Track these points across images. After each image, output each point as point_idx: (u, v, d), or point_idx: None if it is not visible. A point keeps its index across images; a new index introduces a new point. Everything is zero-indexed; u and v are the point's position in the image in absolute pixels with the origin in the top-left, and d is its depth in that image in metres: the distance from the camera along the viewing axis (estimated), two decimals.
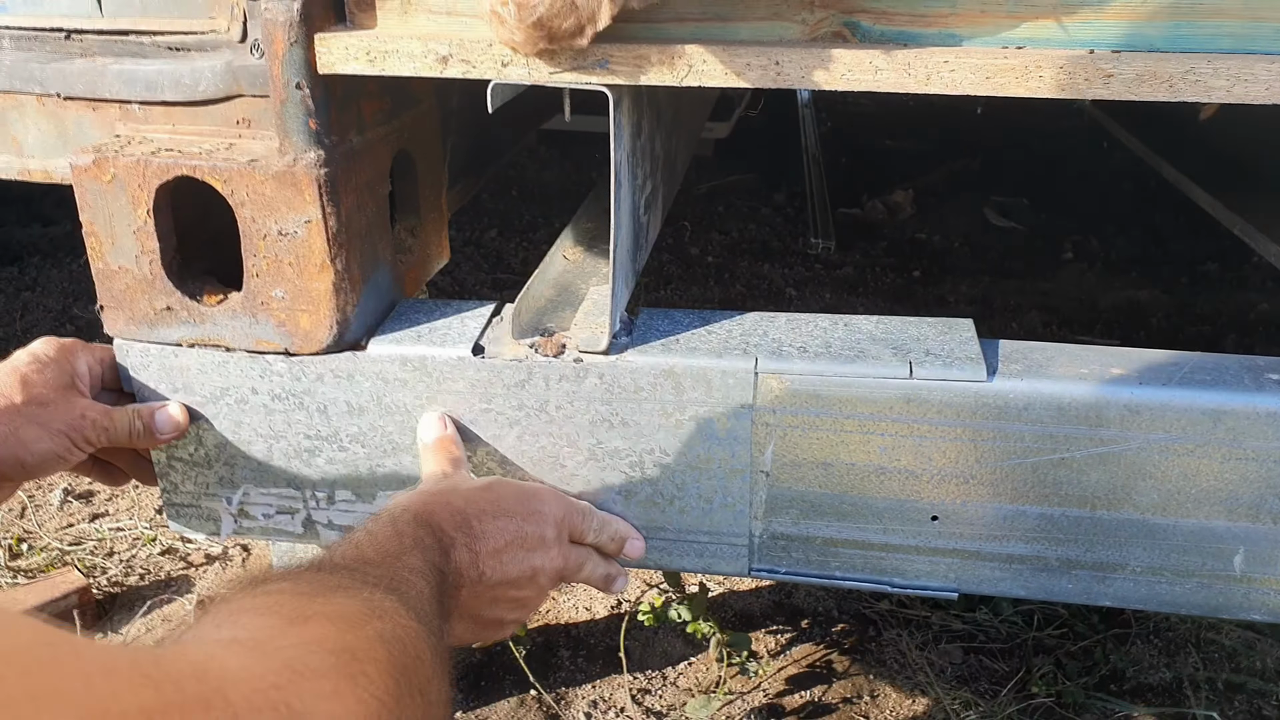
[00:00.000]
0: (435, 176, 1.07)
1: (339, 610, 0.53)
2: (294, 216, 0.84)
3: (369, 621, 0.53)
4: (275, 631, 0.49)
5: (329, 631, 0.50)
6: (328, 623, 0.51)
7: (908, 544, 0.90)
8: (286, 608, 0.51)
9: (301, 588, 0.54)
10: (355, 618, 0.53)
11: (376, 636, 0.52)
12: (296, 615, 0.51)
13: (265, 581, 0.55)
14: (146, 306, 0.89)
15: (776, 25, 0.77)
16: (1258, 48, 0.72)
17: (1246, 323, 2.37)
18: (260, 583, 0.55)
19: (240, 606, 0.51)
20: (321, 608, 0.52)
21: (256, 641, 0.47)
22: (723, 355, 0.86)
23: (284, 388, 0.90)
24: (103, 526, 1.69)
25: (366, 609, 0.54)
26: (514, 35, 0.73)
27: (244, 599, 0.52)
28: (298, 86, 0.80)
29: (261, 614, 0.50)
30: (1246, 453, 0.82)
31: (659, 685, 1.41)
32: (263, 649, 0.46)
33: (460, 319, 0.93)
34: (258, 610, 0.51)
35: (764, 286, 2.55)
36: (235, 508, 0.96)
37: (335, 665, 0.47)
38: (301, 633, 0.49)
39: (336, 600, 0.53)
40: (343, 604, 0.54)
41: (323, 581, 0.56)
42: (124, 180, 0.84)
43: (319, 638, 0.49)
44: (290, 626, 0.50)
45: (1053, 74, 0.72)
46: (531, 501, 0.80)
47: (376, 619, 0.54)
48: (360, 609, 0.54)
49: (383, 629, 0.53)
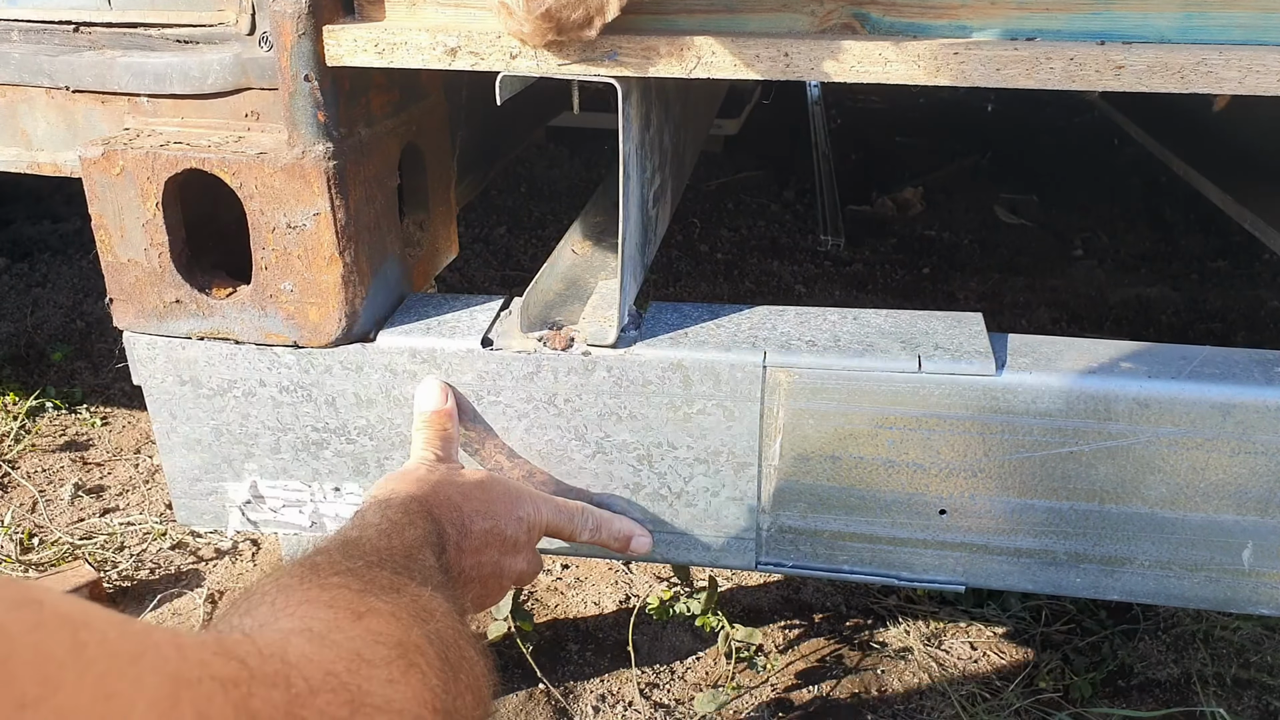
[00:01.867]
0: (444, 170, 1.07)
1: (396, 607, 0.55)
2: (302, 209, 0.84)
3: (426, 620, 0.56)
4: (341, 624, 0.51)
5: (390, 626, 0.52)
6: (389, 619, 0.53)
7: (916, 537, 0.90)
8: (348, 601, 0.54)
9: (358, 584, 0.56)
10: (412, 615, 0.55)
11: (433, 634, 0.55)
12: (359, 610, 0.53)
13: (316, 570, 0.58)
14: (156, 299, 0.89)
15: (785, 17, 0.77)
16: (1269, 39, 0.72)
17: (1257, 319, 2.36)
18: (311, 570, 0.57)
19: (303, 598, 0.54)
20: (380, 604, 0.55)
21: (324, 632, 0.50)
22: (731, 349, 0.86)
23: (292, 380, 0.90)
24: (113, 521, 1.70)
25: (418, 608, 0.57)
26: (522, 27, 0.73)
27: (304, 589, 0.55)
28: (306, 79, 0.81)
29: (326, 607, 0.53)
30: (1256, 446, 0.81)
31: (667, 679, 1.41)
32: (330, 639, 0.49)
33: (469, 312, 0.93)
34: (322, 603, 0.53)
35: (773, 283, 2.54)
36: (242, 501, 0.96)
37: (397, 656, 0.50)
38: (365, 626, 0.52)
39: (392, 598, 0.56)
40: (398, 601, 0.56)
41: (375, 578, 0.58)
42: (133, 173, 0.84)
43: (381, 631, 0.51)
44: (354, 620, 0.52)
45: (1063, 65, 0.72)
46: (516, 505, 0.81)
47: (431, 618, 0.57)
48: (413, 608, 0.57)
49: (438, 629, 0.56)
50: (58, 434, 1.95)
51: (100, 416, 1.99)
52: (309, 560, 0.58)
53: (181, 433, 0.94)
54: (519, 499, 0.83)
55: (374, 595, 0.55)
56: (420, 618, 0.55)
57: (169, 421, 0.94)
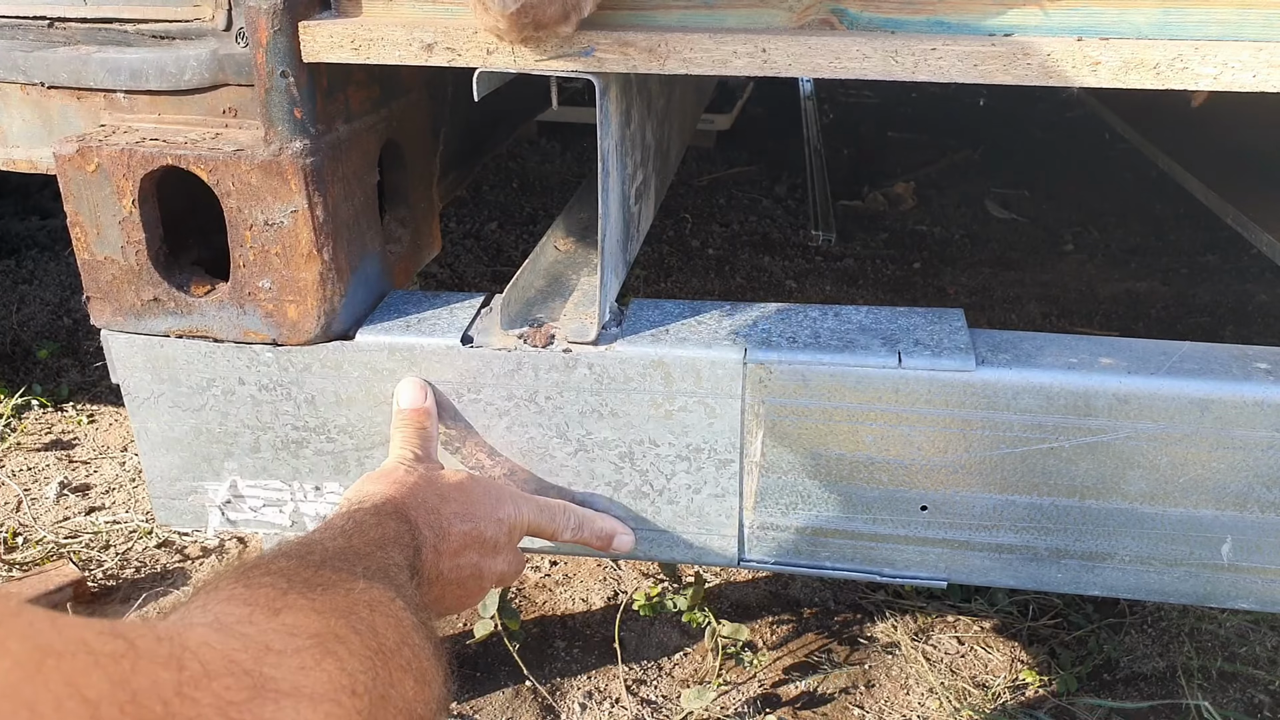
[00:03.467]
0: (426, 166, 1.06)
1: (320, 603, 0.53)
2: (280, 206, 0.83)
3: (352, 612, 0.54)
4: (255, 618, 0.50)
5: (308, 620, 0.51)
6: (309, 613, 0.52)
7: (897, 533, 0.90)
8: (268, 599, 0.52)
9: (285, 583, 0.55)
10: (336, 609, 0.53)
11: (361, 626, 0.53)
12: (276, 606, 0.51)
13: (253, 570, 0.56)
14: (133, 297, 0.89)
15: (764, 12, 0.76)
16: (1246, 35, 0.71)
17: (1245, 313, 2.36)
18: (247, 571, 0.56)
19: (225, 595, 0.52)
20: (303, 600, 0.53)
21: (232, 624, 0.48)
22: (712, 346, 0.85)
23: (271, 378, 0.90)
24: (98, 519, 1.69)
25: (350, 601, 0.55)
26: (498, 23, 0.73)
27: (229, 587, 0.53)
28: (282, 75, 0.80)
29: (244, 604, 0.51)
30: (1234, 441, 0.81)
31: (654, 676, 1.41)
32: (238, 630, 0.47)
33: (450, 309, 0.93)
34: (240, 600, 0.51)
35: (764, 279, 2.54)
36: (222, 501, 0.96)
37: (312, 645, 0.48)
38: (280, 620, 0.50)
39: (319, 595, 0.54)
40: (325, 597, 0.54)
41: (309, 577, 0.57)
42: (108, 170, 0.84)
43: (297, 625, 0.50)
44: (270, 616, 0.50)
45: (1040, 61, 0.72)
46: (497, 506, 0.81)
47: (363, 610, 0.55)
48: (343, 601, 0.55)
49: (368, 619, 0.54)
50: (43, 432, 1.94)
51: (86, 414, 1.99)
52: (250, 562, 0.57)
53: (160, 432, 0.94)
54: (499, 500, 0.82)
55: (297, 592, 0.53)
56: (347, 610, 0.54)
57: (147, 421, 0.93)
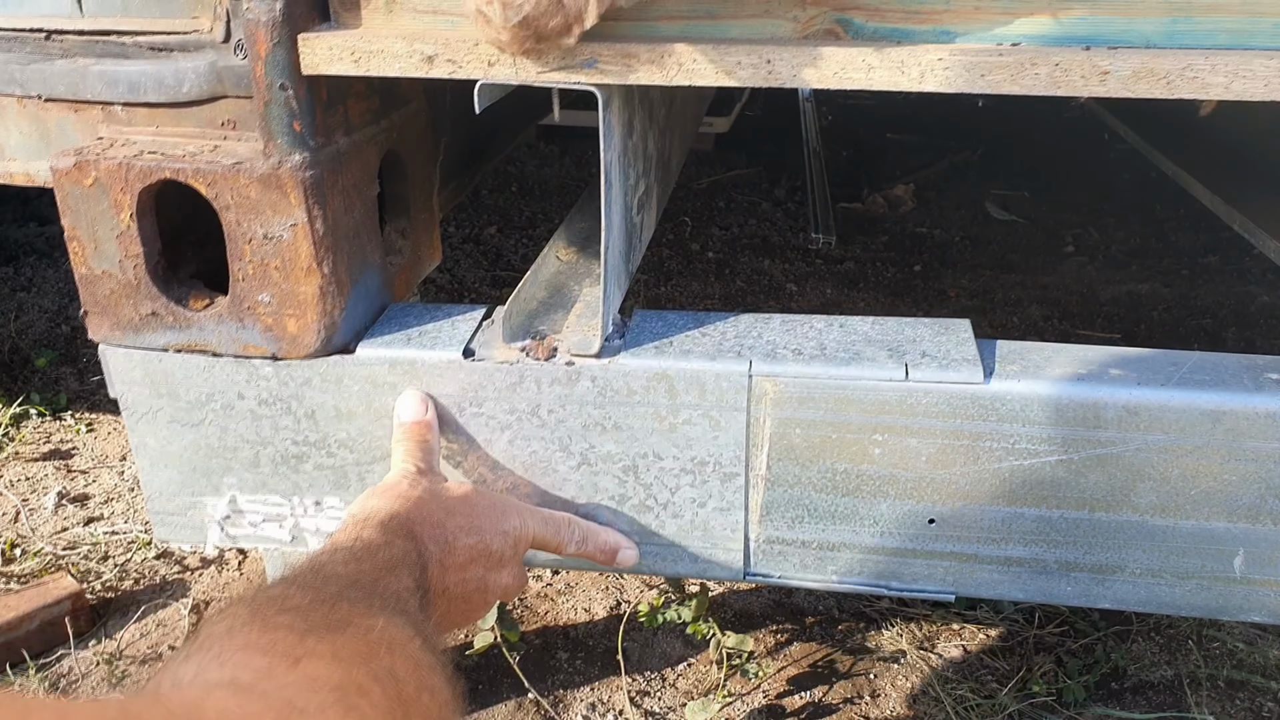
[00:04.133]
0: (426, 177, 1.06)
1: (340, 647, 0.53)
2: (280, 220, 0.82)
3: (373, 657, 0.54)
4: (275, 671, 0.49)
5: (329, 670, 0.50)
6: (330, 660, 0.51)
7: (905, 547, 0.89)
8: (287, 646, 0.52)
9: (304, 624, 0.54)
10: (357, 654, 0.53)
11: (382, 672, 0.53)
12: (297, 654, 0.51)
13: (267, 607, 0.55)
14: (131, 312, 0.88)
15: (768, 23, 0.76)
16: (1256, 43, 0.71)
17: (1247, 315, 2.35)
18: (261, 609, 0.55)
19: (241, 642, 0.52)
20: (323, 646, 0.52)
21: (252, 682, 0.48)
22: (716, 358, 0.84)
23: (271, 393, 0.89)
24: (97, 530, 1.68)
25: (369, 645, 0.55)
26: (499, 35, 0.72)
27: (245, 633, 0.52)
28: (281, 88, 0.79)
29: (262, 653, 0.51)
30: (1246, 453, 0.81)
31: (658, 687, 1.40)
32: (259, 689, 0.47)
33: (451, 322, 0.92)
34: (259, 649, 0.51)
35: (764, 282, 2.53)
36: (222, 516, 0.95)
37: (334, 701, 0.48)
38: (301, 671, 0.50)
39: (339, 638, 0.54)
40: (345, 641, 0.54)
41: (325, 616, 0.56)
42: (106, 184, 0.83)
43: (318, 676, 0.49)
44: (290, 667, 0.50)
45: (1048, 71, 0.71)
46: (502, 519, 0.80)
47: (384, 654, 0.54)
48: (363, 645, 0.54)
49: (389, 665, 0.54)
50: (41, 441, 1.93)
51: (85, 423, 1.98)
52: (264, 595, 0.57)
53: (159, 447, 0.93)
54: (504, 512, 0.81)
55: (316, 636, 0.53)
56: (368, 655, 0.53)
57: (146, 436, 0.92)
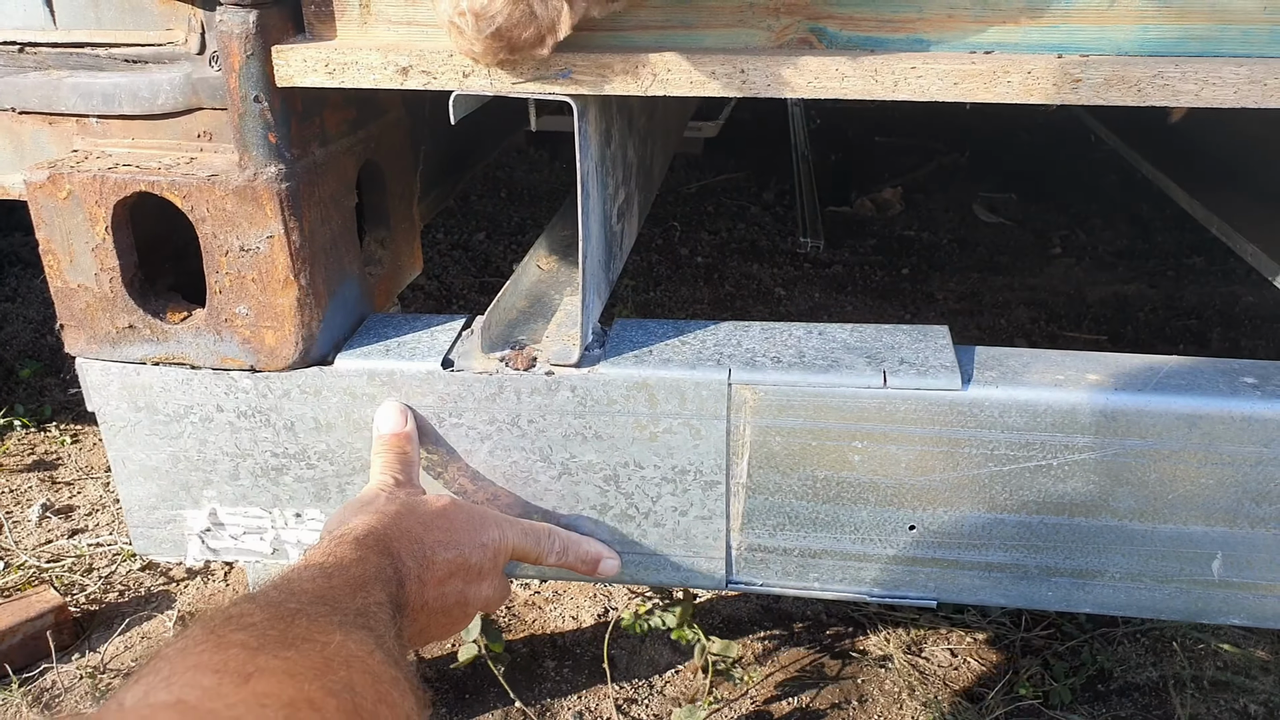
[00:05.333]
0: (405, 186, 1.05)
1: (294, 664, 0.52)
2: (256, 232, 0.82)
3: (328, 671, 0.53)
4: (223, 690, 0.48)
5: (280, 686, 0.49)
6: (282, 676, 0.50)
7: (886, 553, 0.89)
8: (238, 663, 0.51)
9: (257, 641, 0.53)
10: (311, 669, 0.52)
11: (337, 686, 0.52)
12: (247, 671, 0.50)
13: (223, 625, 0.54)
14: (108, 325, 0.87)
15: (742, 32, 0.76)
16: (1225, 50, 0.71)
17: (1232, 315, 2.37)
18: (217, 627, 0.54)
19: (193, 662, 0.51)
20: (275, 662, 0.51)
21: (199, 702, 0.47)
22: (696, 367, 0.84)
23: (250, 405, 0.89)
24: (81, 542, 1.67)
25: (325, 659, 0.54)
26: (473, 46, 0.72)
27: (198, 652, 0.52)
28: (256, 99, 0.79)
29: (213, 672, 0.50)
30: (1222, 457, 0.81)
31: (645, 694, 1.40)
32: (209, 708, 0.46)
33: (430, 333, 0.91)
34: (209, 669, 0.50)
35: (753, 286, 2.53)
36: (202, 529, 0.94)
37: (284, 718, 0.47)
38: (251, 689, 0.49)
39: (293, 654, 0.53)
40: (299, 656, 0.53)
41: (282, 633, 0.55)
42: (81, 197, 0.83)
43: (268, 693, 0.49)
44: (240, 685, 0.49)
45: (1020, 79, 0.71)
46: (480, 532, 0.80)
47: (340, 668, 0.53)
48: (318, 660, 0.53)
49: (345, 678, 0.53)
50: (25, 453, 1.91)
51: (69, 434, 1.96)
52: (222, 613, 0.56)
53: (138, 460, 0.92)
54: (483, 525, 0.81)
55: (269, 652, 0.52)
56: (323, 669, 0.52)
57: (124, 449, 0.92)
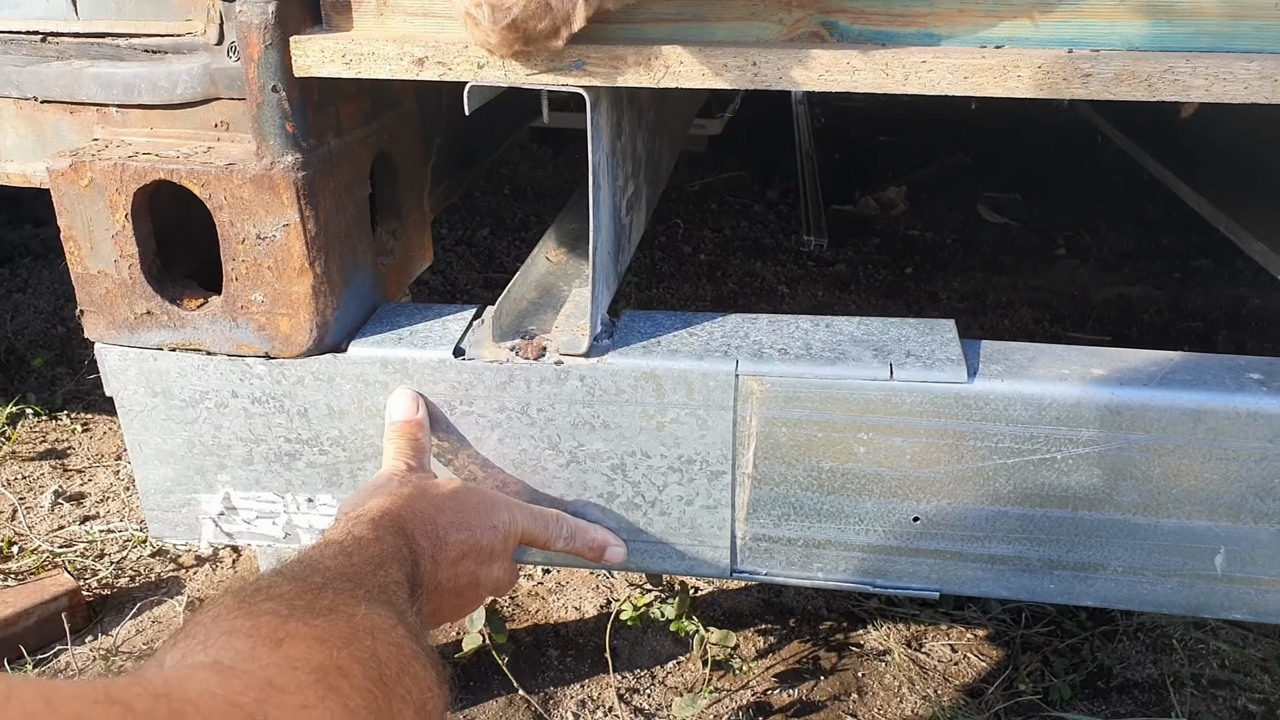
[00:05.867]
0: (417, 178, 1.06)
1: (323, 631, 0.53)
2: (272, 220, 0.83)
3: (355, 640, 0.54)
4: (257, 653, 0.49)
5: (310, 651, 0.51)
6: (312, 642, 0.51)
7: (890, 544, 0.90)
8: (270, 629, 0.52)
9: (287, 610, 0.54)
10: (339, 637, 0.53)
11: (364, 654, 0.53)
12: (279, 636, 0.51)
13: (254, 595, 0.56)
14: (126, 311, 0.88)
15: (754, 25, 0.77)
16: (1237, 46, 0.72)
17: (1239, 318, 2.37)
18: (249, 597, 0.55)
19: (226, 628, 0.52)
20: (303, 628, 0.53)
21: (234, 663, 0.48)
22: (703, 358, 0.85)
23: (264, 391, 0.90)
24: (93, 528, 1.69)
25: (351, 629, 0.55)
26: (489, 37, 0.73)
27: (230, 619, 0.53)
28: (274, 90, 0.80)
29: (246, 636, 0.51)
30: (1227, 452, 0.82)
31: (647, 684, 1.41)
32: (241, 669, 0.47)
33: (441, 322, 0.92)
34: (242, 633, 0.51)
35: (756, 284, 2.54)
36: (216, 513, 0.95)
37: (314, 681, 0.48)
38: (283, 653, 0.50)
39: (321, 622, 0.54)
40: (327, 625, 0.54)
41: (310, 603, 0.56)
42: (101, 185, 0.84)
43: (300, 656, 0.50)
44: (272, 648, 0.50)
45: (1031, 73, 0.72)
46: (491, 515, 0.81)
47: (365, 638, 0.55)
48: (345, 629, 0.54)
49: (370, 648, 0.54)
50: (38, 441, 1.93)
51: (81, 423, 1.98)
52: (251, 585, 0.57)
53: (154, 444, 0.93)
54: (494, 508, 0.82)
55: (299, 620, 0.53)
56: (350, 638, 0.53)
57: (141, 433, 0.93)
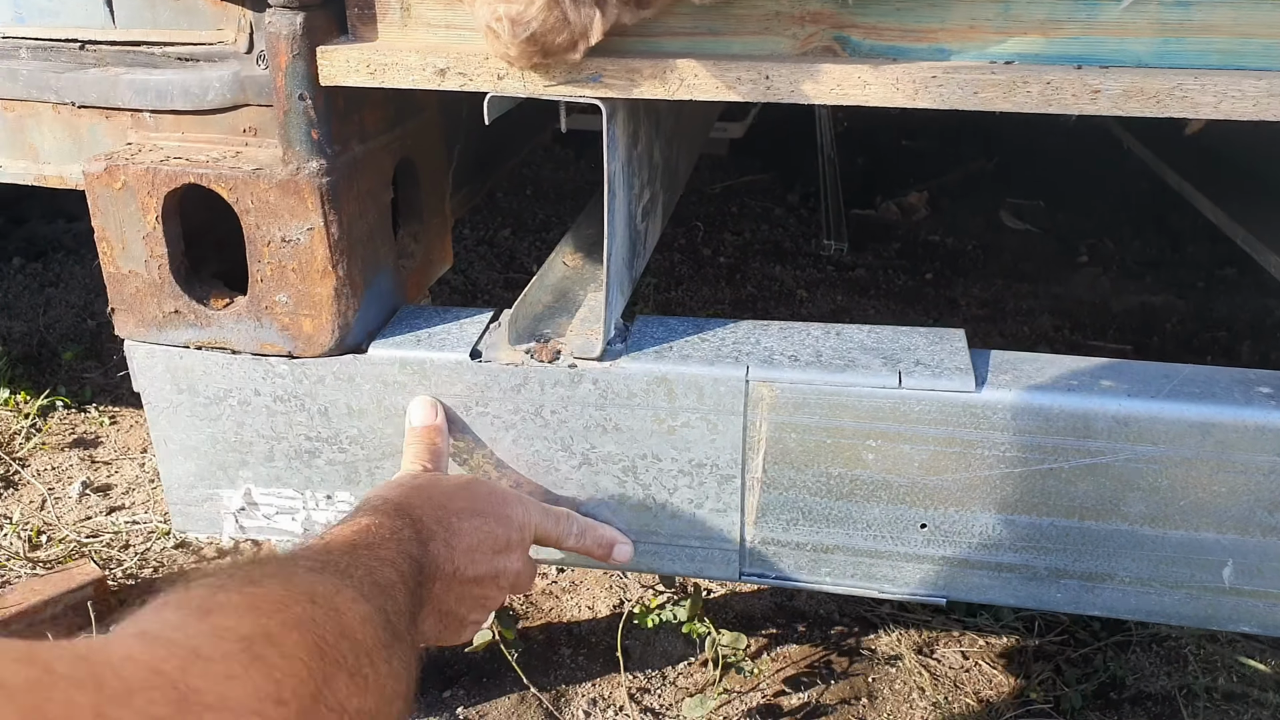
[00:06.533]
0: (438, 183, 1.09)
1: (255, 599, 0.53)
2: (297, 224, 0.86)
3: (288, 606, 0.53)
4: (184, 623, 0.49)
5: (238, 620, 0.50)
6: (243, 611, 0.51)
7: (897, 551, 0.91)
8: (199, 600, 0.52)
9: (222, 581, 0.54)
10: (272, 603, 0.53)
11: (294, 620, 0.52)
12: (207, 607, 0.51)
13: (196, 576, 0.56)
14: (155, 310, 0.91)
15: (768, 40, 0.78)
16: (1246, 64, 0.72)
17: (1264, 329, 2.35)
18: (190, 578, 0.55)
19: (160, 603, 0.52)
20: (237, 598, 0.52)
21: (163, 631, 0.48)
22: (715, 363, 0.87)
23: (286, 390, 0.92)
24: (119, 519, 1.73)
25: (287, 594, 0.54)
26: (508, 50, 0.75)
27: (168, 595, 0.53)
28: (300, 98, 0.82)
29: (176, 608, 0.51)
30: (1235, 465, 0.82)
31: (658, 684, 1.42)
32: (168, 637, 0.47)
33: (459, 324, 0.95)
34: (174, 605, 0.51)
35: (775, 288, 2.55)
36: (237, 508, 0.98)
37: (240, 650, 0.48)
38: (210, 622, 0.50)
39: (254, 589, 0.54)
40: (261, 592, 0.54)
41: (249, 573, 0.56)
42: (134, 187, 0.87)
43: (228, 625, 0.49)
44: (200, 618, 0.50)
45: (1040, 89, 0.73)
46: (503, 505, 0.82)
47: (301, 603, 0.54)
48: (279, 595, 0.54)
49: (304, 613, 0.53)
50: (67, 432, 1.98)
51: (109, 416, 2.03)
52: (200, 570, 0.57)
53: (178, 440, 0.96)
54: (505, 500, 0.84)
55: (232, 590, 0.52)
56: (281, 605, 0.52)
57: (166, 429, 0.96)
